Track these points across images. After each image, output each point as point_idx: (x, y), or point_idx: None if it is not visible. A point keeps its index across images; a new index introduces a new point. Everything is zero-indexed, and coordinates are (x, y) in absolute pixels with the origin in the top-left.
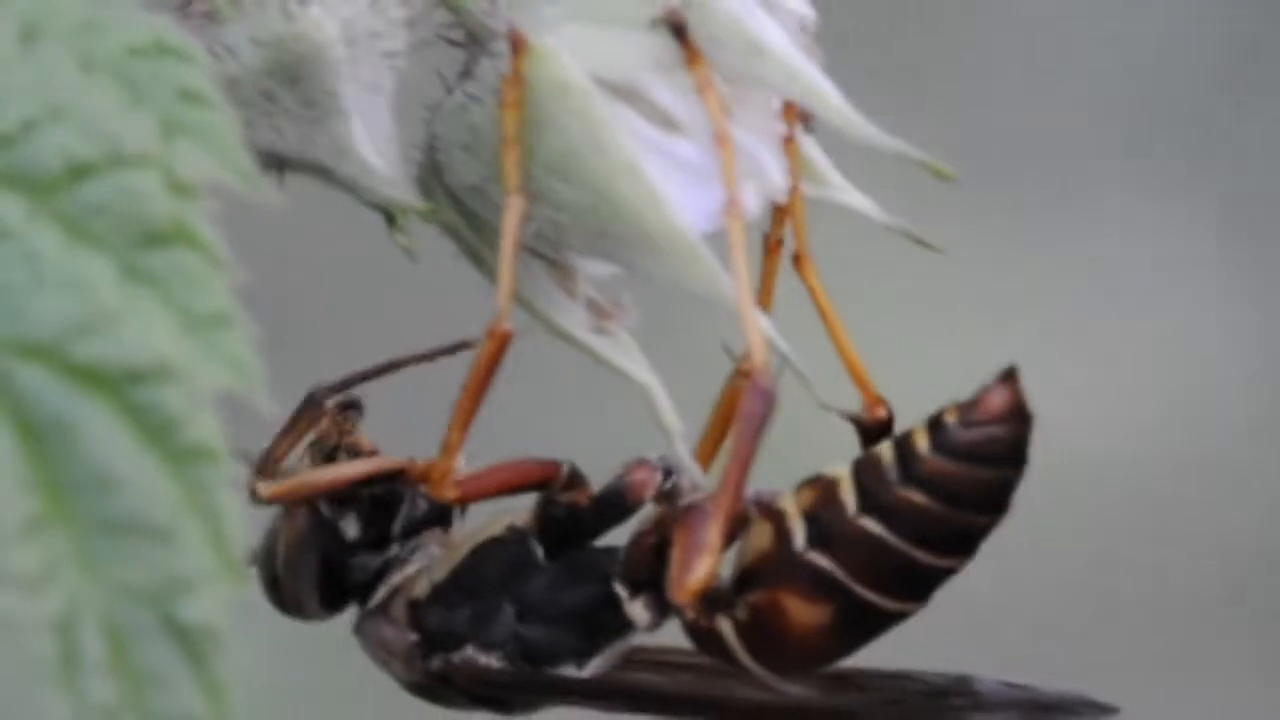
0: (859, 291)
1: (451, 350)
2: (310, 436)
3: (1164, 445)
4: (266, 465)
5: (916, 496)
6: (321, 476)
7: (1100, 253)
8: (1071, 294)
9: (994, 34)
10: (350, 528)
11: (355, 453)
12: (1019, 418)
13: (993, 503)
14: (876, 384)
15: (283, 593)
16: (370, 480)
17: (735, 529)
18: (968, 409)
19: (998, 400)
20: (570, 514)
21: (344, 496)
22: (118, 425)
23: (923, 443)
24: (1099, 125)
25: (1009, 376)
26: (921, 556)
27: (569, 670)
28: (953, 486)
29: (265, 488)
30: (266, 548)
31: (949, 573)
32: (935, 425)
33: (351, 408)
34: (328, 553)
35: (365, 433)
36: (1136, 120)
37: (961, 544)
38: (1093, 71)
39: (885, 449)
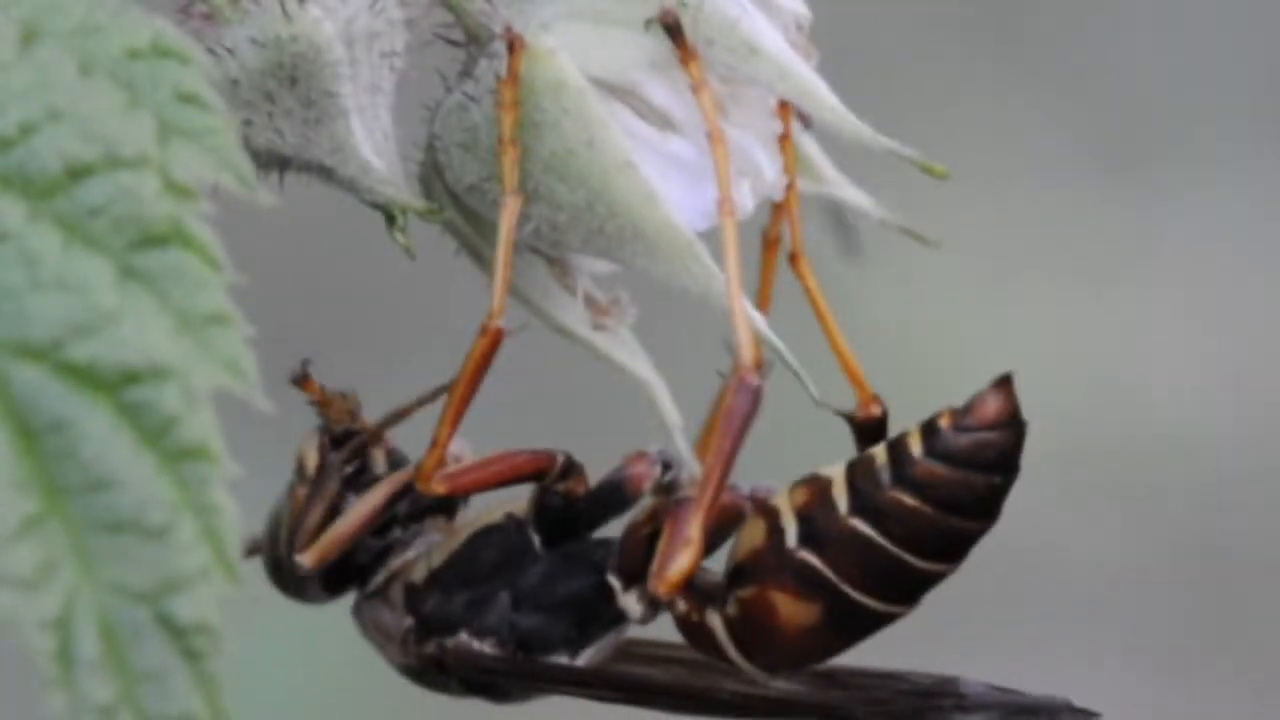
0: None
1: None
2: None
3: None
4: (301, 538)
5: (907, 499)
6: (350, 525)
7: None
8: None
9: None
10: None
11: (353, 436)
12: (1012, 424)
13: (983, 508)
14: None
15: (286, 575)
16: (392, 501)
17: (730, 525)
18: (961, 414)
19: (991, 406)
20: (567, 504)
21: (347, 485)
22: (114, 425)
23: (915, 446)
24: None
25: (1004, 383)
26: (910, 559)
27: (561, 659)
28: (943, 490)
29: (307, 557)
30: (271, 531)
31: (938, 577)
32: (929, 429)
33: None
34: None
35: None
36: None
37: (950, 549)
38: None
39: (879, 451)
